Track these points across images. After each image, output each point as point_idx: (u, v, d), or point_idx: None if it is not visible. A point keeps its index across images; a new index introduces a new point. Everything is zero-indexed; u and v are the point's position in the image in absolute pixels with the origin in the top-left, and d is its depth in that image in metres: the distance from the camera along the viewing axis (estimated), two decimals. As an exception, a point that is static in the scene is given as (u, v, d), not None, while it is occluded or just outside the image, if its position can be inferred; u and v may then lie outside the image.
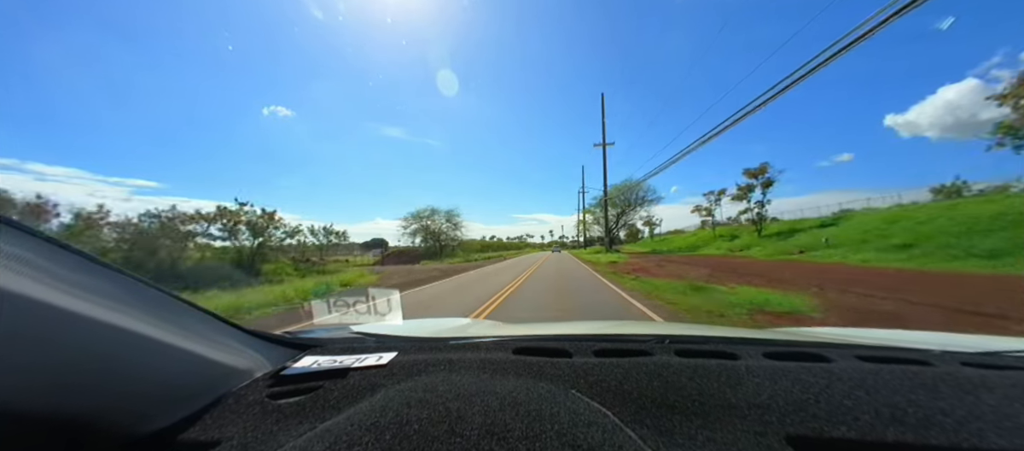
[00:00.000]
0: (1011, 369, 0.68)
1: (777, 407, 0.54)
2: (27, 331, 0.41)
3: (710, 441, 0.48)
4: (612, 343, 0.86)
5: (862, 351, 0.79)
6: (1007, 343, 0.95)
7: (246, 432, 0.54)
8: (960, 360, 0.73)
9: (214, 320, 0.70)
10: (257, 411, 0.59)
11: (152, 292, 0.59)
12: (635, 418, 0.53)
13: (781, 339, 0.97)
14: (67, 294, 0.45)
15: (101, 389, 0.48)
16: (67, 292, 0.45)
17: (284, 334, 0.92)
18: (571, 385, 0.61)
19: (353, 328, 1.05)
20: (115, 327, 0.49)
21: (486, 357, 0.75)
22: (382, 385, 0.64)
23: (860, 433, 0.48)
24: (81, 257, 0.51)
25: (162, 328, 0.56)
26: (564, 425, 0.46)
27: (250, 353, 0.74)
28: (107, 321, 0.48)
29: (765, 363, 0.69)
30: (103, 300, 0.49)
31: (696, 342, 0.89)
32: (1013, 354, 0.85)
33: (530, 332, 1.04)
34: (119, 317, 0.50)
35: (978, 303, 6.02)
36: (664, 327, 1.16)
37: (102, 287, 0.51)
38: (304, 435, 0.48)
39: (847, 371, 0.63)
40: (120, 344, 0.50)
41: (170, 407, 0.56)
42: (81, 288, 0.47)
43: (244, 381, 0.68)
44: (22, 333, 0.40)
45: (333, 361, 0.76)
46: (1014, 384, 0.57)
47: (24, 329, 0.40)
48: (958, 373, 0.62)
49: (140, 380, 0.53)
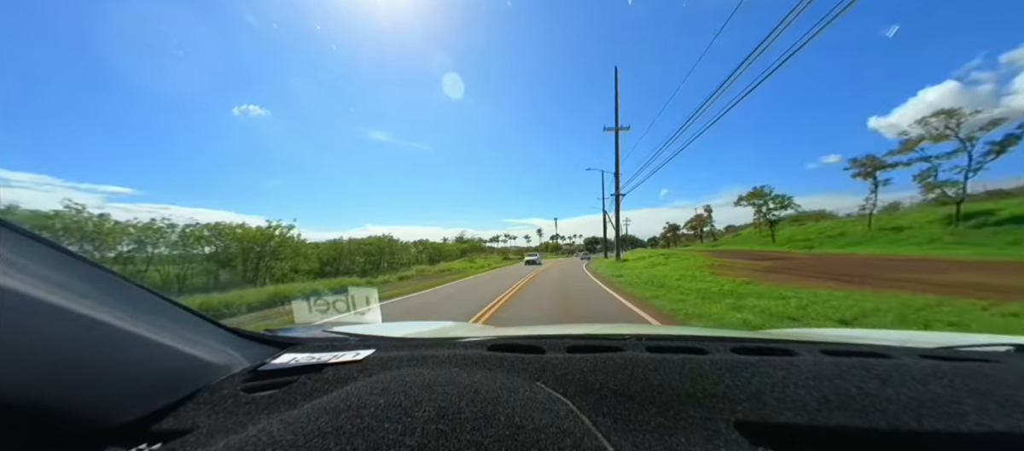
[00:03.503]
0: (964, 360, 0.71)
1: (732, 396, 0.56)
2: (0, 324, 0.42)
3: (661, 427, 0.51)
4: (587, 341, 0.88)
5: (828, 346, 0.81)
6: (967, 338, 0.99)
7: (218, 421, 0.56)
8: (919, 353, 0.76)
9: (193, 317, 0.72)
10: (231, 403, 0.60)
11: (129, 288, 0.61)
12: (595, 407, 0.55)
13: (754, 337, 1.00)
14: (41, 288, 0.46)
15: (76, 380, 0.49)
16: (41, 285, 0.47)
17: (264, 332, 0.92)
18: (537, 378, 0.63)
19: (335, 327, 1.06)
20: (90, 320, 0.50)
21: (460, 353, 0.77)
22: (354, 379, 0.65)
23: (806, 418, 0.51)
24: (56, 251, 0.52)
25: (139, 323, 0.58)
26: (515, 410, 0.48)
27: (228, 350, 0.75)
28: (82, 314, 0.50)
29: (730, 357, 0.71)
30: (77, 294, 0.51)
31: (670, 340, 0.91)
32: (968, 347, 0.89)
33: (512, 333, 1.05)
34: (94, 310, 0.52)
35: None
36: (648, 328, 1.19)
37: (76, 281, 0.52)
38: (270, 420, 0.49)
39: (808, 364, 0.65)
40: (95, 337, 0.51)
41: (146, 399, 0.58)
42: (54, 283, 0.49)
43: (221, 376, 0.69)
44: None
45: (311, 358, 0.77)
46: (962, 373, 0.60)
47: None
48: (913, 364, 0.64)
49: (116, 372, 0.54)
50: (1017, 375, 0.60)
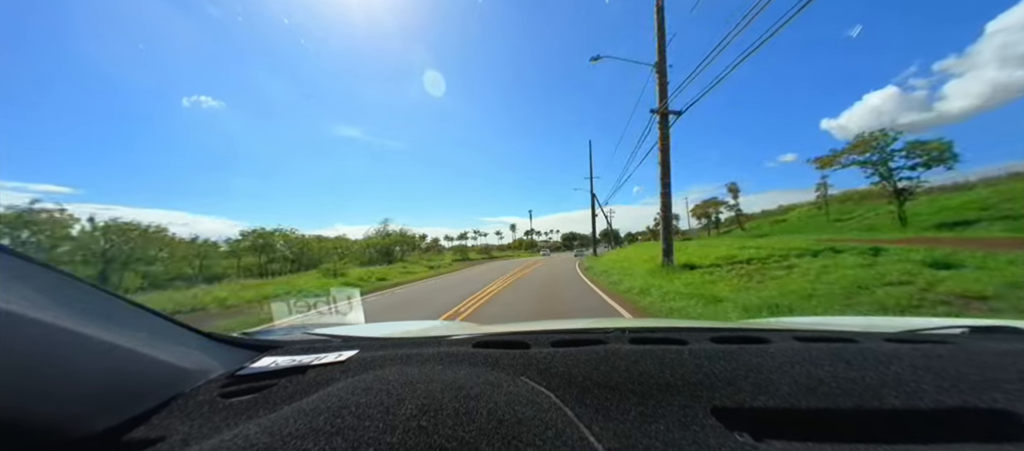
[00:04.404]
0: (924, 342, 0.75)
1: (709, 384, 0.58)
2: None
3: (641, 416, 0.52)
4: (572, 336, 0.89)
5: (801, 334, 0.84)
6: (929, 322, 1.05)
7: (192, 428, 0.54)
8: (883, 337, 0.79)
9: (165, 322, 0.69)
10: (206, 409, 0.59)
11: (95, 293, 0.58)
12: (578, 399, 0.56)
13: (732, 327, 1.03)
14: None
15: (38, 392, 0.47)
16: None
17: (241, 336, 0.90)
18: (522, 373, 0.63)
19: (316, 330, 1.04)
20: (52, 327, 0.48)
21: (445, 351, 0.76)
22: (337, 380, 0.64)
23: (778, 402, 0.53)
24: (12, 257, 0.50)
25: (106, 329, 0.56)
26: (498, 404, 0.49)
27: (205, 355, 0.73)
28: (43, 321, 0.47)
29: (709, 346, 0.73)
30: (36, 301, 0.48)
31: (652, 332, 0.93)
32: (929, 330, 0.94)
33: (498, 330, 1.06)
34: (56, 317, 0.49)
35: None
36: (632, 321, 1.22)
37: (32, 290, 0.50)
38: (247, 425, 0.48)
39: (782, 350, 0.68)
40: (57, 345, 0.49)
41: (116, 409, 0.55)
42: (12, 291, 0.46)
43: (197, 382, 0.67)
44: None
45: (292, 361, 0.75)
46: (921, 355, 0.63)
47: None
48: (877, 348, 0.68)
49: (82, 382, 0.52)
50: (968, 354, 0.64)
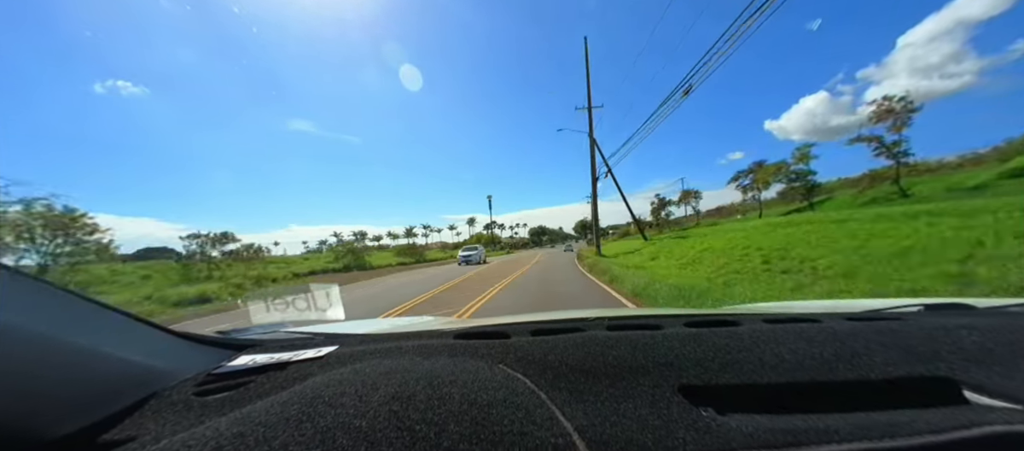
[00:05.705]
0: (881, 320, 0.79)
1: (679, 365, 0.60)
2: None
3: (612, 397, 0.54)
4: (552, 325, 0.91)
5: (770, 316, 0.88)
6: (889, 303, 1.11)
7: (165, 427, 0.54)
8: (845, 317, 0.84)
9: (136, 322, 0.68)
10: (181, 407, 0.58)
11: (66, 297, 0.57)
12: (553, 384, 0.57)
13: (706, 312, 1.06)
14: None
15: (10, 394, 0.46)
16: None
17: (218, 335, 0.89)
18: (500, 361, 0.65)
19: (296, 327, 1.03)
20: (13, 329, 0.47)
21: (425, 343, 0.77)
22: (314, 374, 0.64)
23: (742, 378, 0.56)
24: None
25: (72, 330, 0.54)
26: (471, 389, 0.50)
27: (182, 355, 0.72)
28: (11, 325, 0.46)
29: (683, 330, 0.75)
30: (5, 305, 0.47)
31: (630, 320, 0.96)
32: (888, 309, 1.00)
33: (479, 323, 1.07)
34: (18, 319, 0.48)
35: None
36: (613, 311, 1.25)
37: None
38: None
39: (750, 332, 0.70)
40: (20, 346, 0.48)
41: (84, 411, 0.54)
42: None
43: (171, 382, 0.66)
44: None
45: (271, 358, 0.75)
46: (876, 331, 0.67)
47: None
48: (838, 327, 0.71)
49: (47, 384, 0.51)
50: (920, 329, 0.68)
